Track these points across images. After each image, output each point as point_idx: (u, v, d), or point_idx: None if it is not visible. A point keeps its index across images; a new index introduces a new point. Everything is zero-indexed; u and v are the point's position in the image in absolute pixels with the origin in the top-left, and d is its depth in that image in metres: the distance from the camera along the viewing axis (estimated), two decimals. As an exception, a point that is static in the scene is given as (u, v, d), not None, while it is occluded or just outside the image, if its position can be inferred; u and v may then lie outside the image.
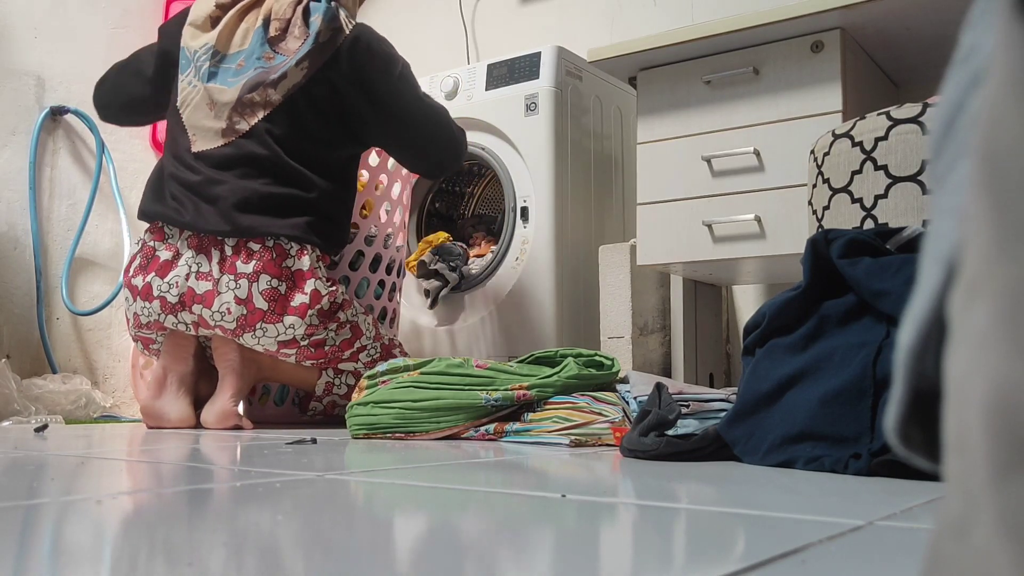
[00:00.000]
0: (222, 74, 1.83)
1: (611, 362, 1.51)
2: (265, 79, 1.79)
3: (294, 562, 0.48)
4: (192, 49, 1.88)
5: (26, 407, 2.10)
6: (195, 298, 1.75)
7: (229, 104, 1.80)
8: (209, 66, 1.84)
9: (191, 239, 1.79)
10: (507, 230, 2.22)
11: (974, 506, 0.21)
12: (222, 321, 1.75)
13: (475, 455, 1.16)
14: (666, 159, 1.88)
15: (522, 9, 2.81)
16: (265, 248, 1.75)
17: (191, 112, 1.84)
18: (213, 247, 1.77)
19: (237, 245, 1.76)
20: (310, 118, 1.82)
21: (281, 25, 1.83)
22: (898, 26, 1.72)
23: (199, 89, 1.84)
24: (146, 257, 1.82)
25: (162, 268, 1.79)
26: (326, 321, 1.79)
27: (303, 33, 1.81)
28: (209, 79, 1.84)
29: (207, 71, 1.84)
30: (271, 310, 1.74)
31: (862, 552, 0.50)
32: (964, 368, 0.22)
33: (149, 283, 1.78)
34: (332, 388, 1.93)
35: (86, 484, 0.88)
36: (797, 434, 0.98)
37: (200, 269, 1.77)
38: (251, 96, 1.79)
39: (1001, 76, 0.22)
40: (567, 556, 0.51)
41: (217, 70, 1.84)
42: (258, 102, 1.79)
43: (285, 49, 1.82)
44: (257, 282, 1.73)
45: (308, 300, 1.75)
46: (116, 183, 2.66)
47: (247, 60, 1.83)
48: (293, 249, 1.76)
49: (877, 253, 1.02)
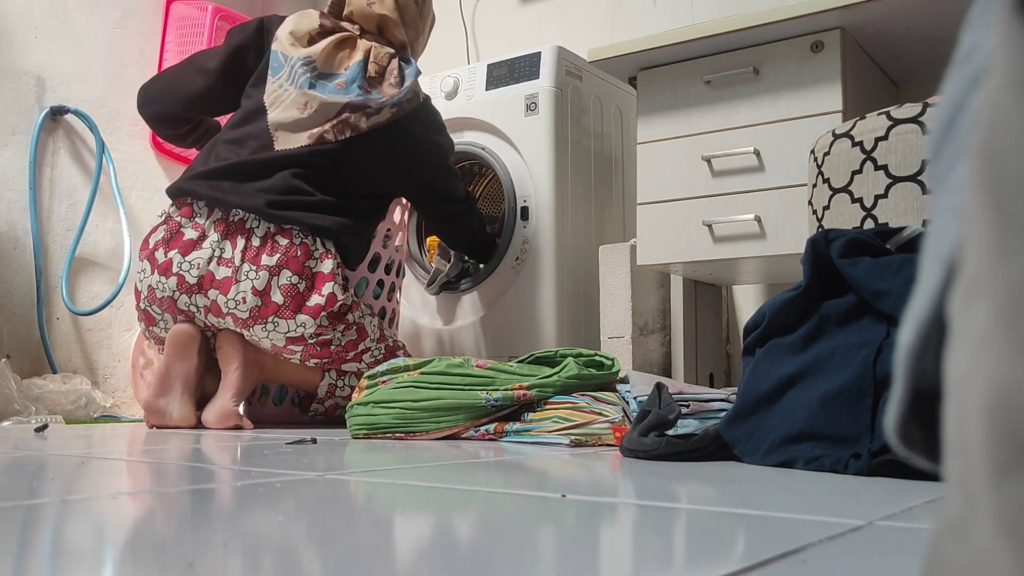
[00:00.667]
0: (323, 86, 1.90)
1: (611, 362, 1.51)
2: (365, 105, 1.87)
3: (295, 562, 0.48)
4: (290, 56, 1.93)
5: (26, 407, 2.10)
6: (213, 282, 1.76)
7: (331, 111, 1.86)
8: (310, 77, 1.90)
9: (219, 223, 1.81)
10: (507, 230, 2.21)
11: (974, 506, 0.21)
12: (235, 309, 1.75)
13: (475, 455, 1.16)
14: (666, 159, 1.88)
15: (522, 9, 2.81)
16: (292, 244, 1.77)
17: (280, 112, 1.88)
18: (239, 234, 1.79)
19: (265, 236, 1.78)
20: (372, 156, 1.91)
21: (379, 70, 1.95)
22: (898, 26, 1.72)
23: (291, 93, 1.89)
24: (171, 231, 1.83)
25: (185, 246, 1.80)
26: (335, 323, 1.81)
27: (398, 83, 1.94)
28: (309, 87, 1.89)
29: (307, 79, 1.89)
30: (286, 305, 1.76)
31: (862, 552, 0.50)
32: (964, 368, 0.22)
33: (171, 259, 1.79)
34: (335, 391, 1.94)
35: (86, 484, 0.88)
36: (797, 434, 0.98)
37: (223, 255, 1.78)
38: (348, 116, 1.86)
39: (1001, 76, 0.22)
40: (567, 556, 0.51)
41: (316, 82, 1.90)
42: (352, 122, 1.86)
43: (381, 91, 1.93)
44: (278, 276, 1.76)
45: (324, 302, 1.77)
46: (116, 183, 2.66)
47: (347, 84, 1.90)
48: (318, 252, 1.79)
49: (877, 253, 1.02)
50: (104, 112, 2.67)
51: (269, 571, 0.46)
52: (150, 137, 2.80)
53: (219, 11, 2.70)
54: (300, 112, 1.87)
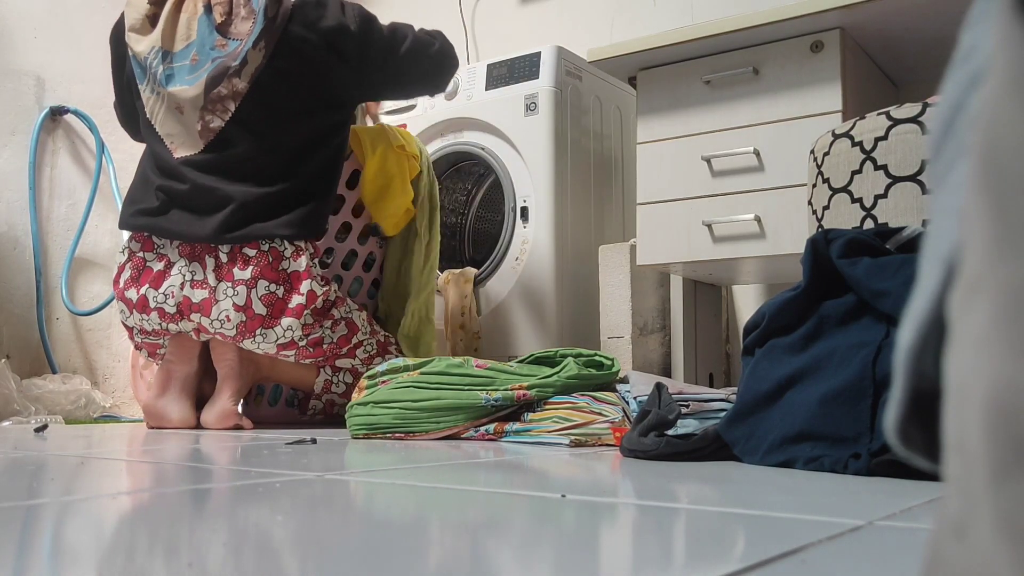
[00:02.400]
0: (179, 73, 1.78)
1: (611, 362, 1.51)
2: (227, 69, 1.74)
3: (294, 562, 0.48)
4: (141, 55, 1.81)
5: (26, 407, 2.10)
6: (192, 307, 1.73)
7: (197, 103, 1.75)
8: (163, 69, 1.78)
9: (182, 247, 1.77)
10: (507, 230, 2.21)
11: (974, 506, 0.21)
12: (222, 328, 1.74)
13: (475, 455, 1.16)
14: (666, 159, 1.88)
15: (522, 9, 2.81)
16: (261, 252, 1.74)
17: (162, 121, 1.80)
18: (207, 254, 1.75)
19: (232, 252, 1.75)
20: (282, 95, 1.77)
21: (224, 9, 1.77)
22: (898, 26, 1.72)
23: (162, 96, 1.79)
24: (136, 268, 1.80)
25: (155, 279, 1.76)
26: (320, 319, 1.78)
27: (250, 13, 1.76)
28: (168, 83, 1.78)
29: (163, 75, 1.78)
30: (269, 315, 1.73)
31: (862, 552, 0.50)
32: (964, 368, 0.22)
33: (144, 295, 1.76)
34: (330, 386, 1.93)
35: (86, 484, 0.88)
36: (797, 434, 0.98)
37: (195, 277, 1.74)
38: (218, 91, 1.74)
39: (1001, 76, 0.22)
40: (567, 556, 0.51)
41: (172, 71, 1.78)
42: (226, 95, 1.74)
43: (236, 33, 1.76)
44: (255, 288, 1.72)
45: (304, 300, 1.74)
46: (116, 183, 2.66)
47: (200, 52, 1.77)
48: (288, 251, 1.75)
49: (877, 253, 1.02)
50: (104, 112, 2.67)
51: (269, 571, 0.46)
52: (150, 137, 2.81)
53: (219, 11, 2.69)
54: (179, 112, 1.78)
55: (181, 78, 1.77)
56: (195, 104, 1.75)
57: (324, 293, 1.78)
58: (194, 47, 1.78)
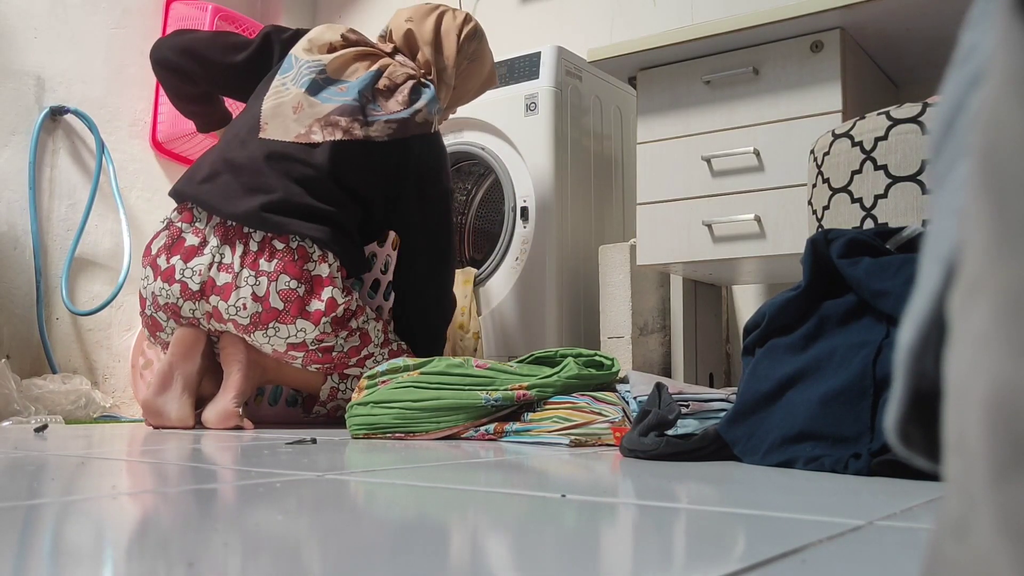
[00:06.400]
0: (325, 91, 1.90)
1: (611, 362, 1.51)
2: (358, 112, 1.86)
3: (295, 562, 0.48)
4: (301, 59, 1.94)
5: (26, 407, 2.10)
6: (214, 288, 1.76)
7: (316, 114, 1.86)
8: (313, 78, 1.90)
9: (218, 227, 1.80)
10: (507, 230, 2.21)
11: (974, 506, 0.21)
12: (236, 316, 1.75)
13: (475, 455, 1.16)
14: (666, 159, 1.88)
15: (522, 9, 2.81)
16: (288, 248, 1.76)
17: (274, 106, 1.89)
18: (238, 239, 1.78)
19: (263, 241, 1.78)
20: (369, 170, 1.89)
21: (390, 85, 1.94)
22: (898, 26, 1.72)
23: (292, 92, 1.89)
24: (172, 237, 1.82)
25: (187, 252, 1.79)
26: (338, 329, 1.80)
27: (405, 103, 1.93)
28: (308, 87, 1.89)
29: (309, 81, 1.90)
30: (286, 311, 1.75)
31: (862, 552, 0.50)
32: (964, 368, 0.22)
33: (173, 265, 1.79)
34: (337, 394, 1.94)
35: (86, 484, 0.88)
36: (797, 434, 0.98)
37: (223, 260, 1.78)
38: (339, 118, 1.85)
39: (1001, 76, 0.22)
40: (567, 556, 0.51)
41: (320, 86, 1.90)
42: (342, 126, 1.85)
43: (385, 106, 1.92)
44: (276, 281, 1.75)
45: (324, 308, 1.76)
46: (116, 183, 2.66)
47: (350, 89, 1.90)
48: (315, 254, 1.78)
49: (877, 253, 1.02)
50: (104, 112, 2.67)
51: (269, 571, 0.46)
52: (150, 137, 2.81)
53: (219, 11, 2.70)
54: (293, 111, 1.88)
55: (323, 95, 1.90)
56: (314, 114, 1.87)
57: (345, 303, 1.79)
58: (348, 83, 1.92)
